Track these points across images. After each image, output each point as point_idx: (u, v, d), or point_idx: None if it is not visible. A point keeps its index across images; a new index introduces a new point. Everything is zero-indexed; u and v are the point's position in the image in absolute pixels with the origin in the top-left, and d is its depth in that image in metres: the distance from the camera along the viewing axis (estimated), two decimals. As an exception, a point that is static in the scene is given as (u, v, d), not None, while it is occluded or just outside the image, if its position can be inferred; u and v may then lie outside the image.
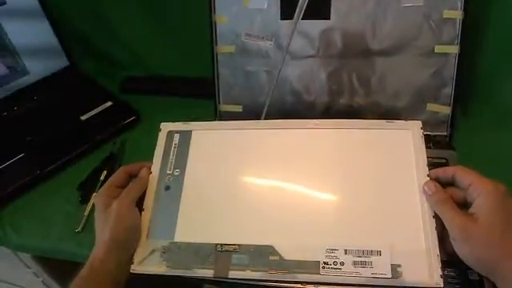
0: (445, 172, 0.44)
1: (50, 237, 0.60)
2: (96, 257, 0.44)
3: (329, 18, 0.59)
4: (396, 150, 0.47)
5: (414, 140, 0.48)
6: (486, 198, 0.40)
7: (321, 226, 0.45)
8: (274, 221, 0.46)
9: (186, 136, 0.53)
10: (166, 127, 0.54)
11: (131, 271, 0.45)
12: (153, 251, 0.45)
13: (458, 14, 0.56)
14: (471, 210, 0.40)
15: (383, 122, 0.50)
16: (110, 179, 0.49)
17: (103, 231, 0.45)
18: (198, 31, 0.66)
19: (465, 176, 0.42)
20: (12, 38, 0.74)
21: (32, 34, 0.76)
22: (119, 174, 0.50)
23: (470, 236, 0.39)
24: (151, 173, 0.51)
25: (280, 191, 0.48)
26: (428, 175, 0.45)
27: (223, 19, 0.62)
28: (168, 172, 0.50)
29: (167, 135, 0.53)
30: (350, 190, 0.46)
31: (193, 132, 0.53)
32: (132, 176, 0.50)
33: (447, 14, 0.56)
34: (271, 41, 0.62)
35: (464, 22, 0.56)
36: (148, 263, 0.45)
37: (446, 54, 0.58)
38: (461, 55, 0.57)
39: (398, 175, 0.46)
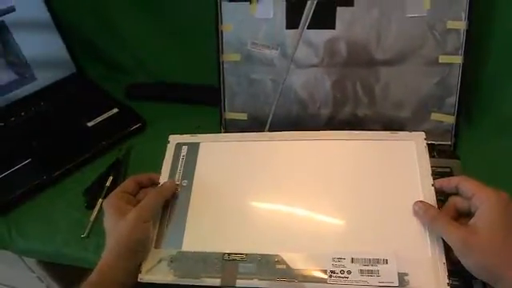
0: (449, 182, 0.45)
1: (55, 241, 0.60)
2: (105, 262, 0.44)
3: (334, 28, 0.59)
4: (400, 161, 0.48)
5: (417, 151, 0.48)
6: (488, 206, 0.40)
7: (327, 235, 0.45)
8: (281, 230, 0.46)
9: (193, 148, 0.54)
10: (174, 139, 0.55)
11: (139, 280, 0.45)
12: (160, 260, 0.46)
13: (461, 25, 0.56)
14: (473, 219, 0.40)
15: (387, 133, 0.50)
16: (120, 186, 0.49)
17: (115, 238, 0.45)
18: (203, 38, 0.66)
19: (468, 186, 0.42)
20: (20, 45, 0.74)
21: (40, 40, 0.76)
22: (128, 182, 0.50)
23: (472, 248, 0.39)
24: (177, 188, 0.51)
25: (286, 201, 0.48)
26: (433, 185, 0.45)
27: (229, 27, 0.63)
28: (176, 183, 0.51)
29: (175, 147, 0.54)
30: (355, 200, 0.47)
31: (200, 144, 0.54)
32: (141, 185, 0.51)
33: (451, 24, 0.57)
34: (277, 50, 0.62)
35: (468, 32, 0.56)
36: (156, 272, 0.45)
37: (450, 64, 0.58)
38: (465, 65, 0.58)
39: (402, 185, 0.46)
